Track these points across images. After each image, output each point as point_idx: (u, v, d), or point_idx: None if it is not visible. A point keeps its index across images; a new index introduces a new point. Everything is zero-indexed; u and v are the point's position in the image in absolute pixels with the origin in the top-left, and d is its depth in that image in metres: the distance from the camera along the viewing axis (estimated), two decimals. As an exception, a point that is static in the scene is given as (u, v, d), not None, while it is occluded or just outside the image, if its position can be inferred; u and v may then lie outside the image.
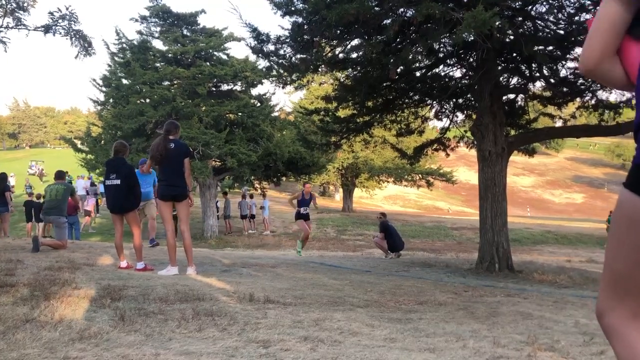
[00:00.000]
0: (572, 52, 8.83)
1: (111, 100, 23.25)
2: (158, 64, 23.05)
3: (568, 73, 9.48)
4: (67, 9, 11.89)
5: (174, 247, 6.22)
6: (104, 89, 23.46)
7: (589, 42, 1.36)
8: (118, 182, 6.48)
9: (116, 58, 23.14)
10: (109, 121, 21.92)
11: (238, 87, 24.02)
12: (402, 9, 7.51)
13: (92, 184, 24.20)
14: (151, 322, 3.32)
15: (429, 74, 9.72)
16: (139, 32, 23.39)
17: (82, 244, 9.64)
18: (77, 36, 12.09)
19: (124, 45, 23.20)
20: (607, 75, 1.40)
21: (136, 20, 23.19)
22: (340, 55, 8.91)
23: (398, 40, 8.23)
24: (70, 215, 12.84)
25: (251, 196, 24.55)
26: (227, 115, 22.75)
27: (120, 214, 6.62)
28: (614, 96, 10.07)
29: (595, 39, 1.36)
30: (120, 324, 3.20)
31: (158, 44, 23.65)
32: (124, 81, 22.81)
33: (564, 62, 9.23)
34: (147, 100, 21.89)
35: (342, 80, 10.71)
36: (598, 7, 1.38)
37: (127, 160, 6.97)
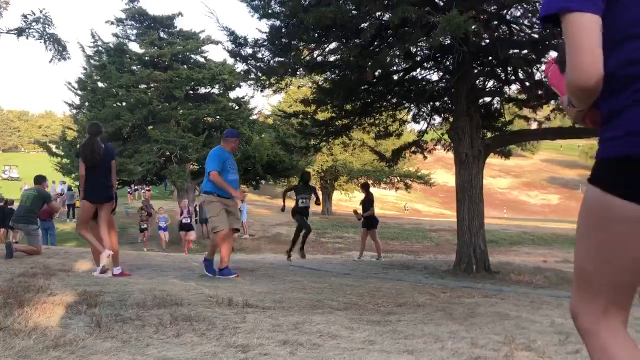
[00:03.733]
0: (546, 55, 8.98)
1: (87, 104, 22.97)
2: (134, 67, 22.84)
3: (542, 76, 9.63)
4: (41, 12, 11.75)
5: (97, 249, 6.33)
6: (79, 92, 23.16)
7: (587, 57, 1.32)
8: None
9: (92, 61, 22.87)
10: (84, 125, 21.63)
11: (216, 90, 23.93)
12: (378, 13, 7.57)
13: (69, 189, 23.83)
14: (128, 328, 3.28)
15: (407, 77, 9.79)
16: (115, 35, 23.18)
17: (57, 250, 9.49)
18: (52, 40, 11.94)
19: (100, 48, 22.95)
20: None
21: (112, 23, 22.97)
22: (319, 59, 8.93)
23: (375, 43, 8.28)
24: (44, 220, 12.63)
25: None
26: (205, 119, 22.64)
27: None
28: (587, 99, 10.24)
29: (598, 49, 1.33)
30: (97, 331, 3.15)
31: (134, 47, 23.47)
32: (100, 84, 22.55)
33: (538, 66, 9.37)
34: (124, 104, 21.68)
35: (320, 83, 10.73)
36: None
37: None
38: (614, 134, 1.35)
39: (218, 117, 22.52)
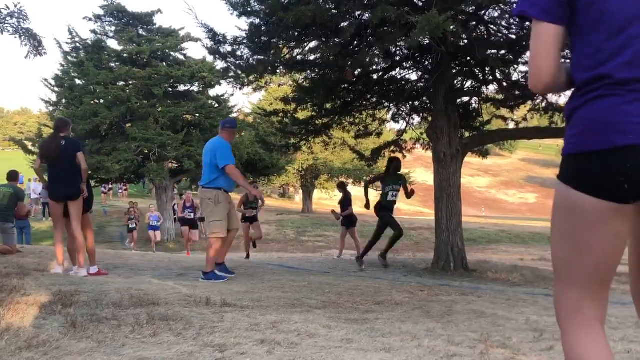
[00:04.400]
0: (523, 56, 9.10)
1: (64, 101, 22.64)
2: (113, 64, 22.59)
3: (520, 77, 9.76)
4: (15, 6, 11.52)
5: (62, 247, 6.34)
6: (56, 89, 22.83)
7: (539, 63, 1.44)
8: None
9: (69, 57, 22.55)
10: (61, 122, 21.33)
11: (195, 88, 23.77)
12: (358, 12, 7.58)
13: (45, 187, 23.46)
14: (104, 328, 3.25)
15: (386, 76, 9.84)
16: (93, 32, 22.88)
17: (32, 249, 9.35)
18: (27, 35, 11.73)
19: (78, 44, 22.64)
20: (559, 83, 1.49)
21: (90, 20, 22.67)
22: (299, 57, 8.91)
23: (355, 43, 8.30)
24: (20, 219, 12.41)
25: (209, 198, 24.27)
26: (184, 116, 22.48)
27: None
28: (564, 99, 10.43)
29: (545, 58, 1.44)
30: (72, 331, 3.11)
31: (113, 44, 23.20)
32: (78, 81, 22.25)
33: (515, 66, 9.49)
34: (102, 101, 21.42)
35: (300, 82, 10.73)
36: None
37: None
38: (570, 132, 1.42)
39: (197, 115, 22.37)
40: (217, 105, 23.61)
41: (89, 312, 3.66)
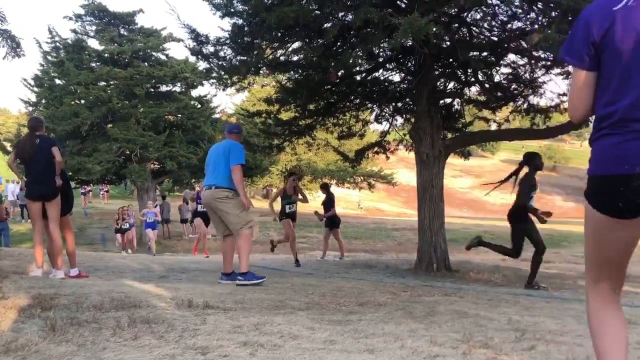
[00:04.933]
0: (505, 58, 9.19)
1: (43, 101, 22.36)
2: (94, 64, 22.35)
3: (501, 78, 9.86)
4: (-7, 6, 11.33)
5: (41, 249, 6.22)
6: (35, 89, 22.52)
7: (576, 103, 1.92)
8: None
9: (49, 57, 22.26)
10: (41, 123, 21.03)
11: (177, 89, 23.62)
12: (341, 13, 7.59)
13: (22, 188, 23.14)
14: (84, 331, 3.20)
15: (369, 78, 9.87)
16: (74, 31, 22.61)
17: (11, 251, 9.21)
18: (5, 36, 11.56)
19: (57, 44, 22.37)
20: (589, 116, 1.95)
21: (70, 19, 22.41)
22: (282, 58, 8.91)
23: (338, 44, 8.31)
24: (-1, 221, 12.23)
25: (192, 199, 24.12)
26: (166, 117, 22.32)
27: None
28: (545, 101, 10.56)
29: (579, 99, 1.90)
30: (51, 335, 3.06)
31: (94, 44, 22.95)
32: (58, 81, 21.97)
33: (497, 68, 9.59)
34: (82, 102, 21.19)
35: (283, 83, 10.71)
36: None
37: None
38: (590, 158, 1.86)
39: (180, 115, 22.21)
40: (199, 105, 23.47)
41: (69, 315, 3.60)
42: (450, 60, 9.13)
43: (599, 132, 1.81)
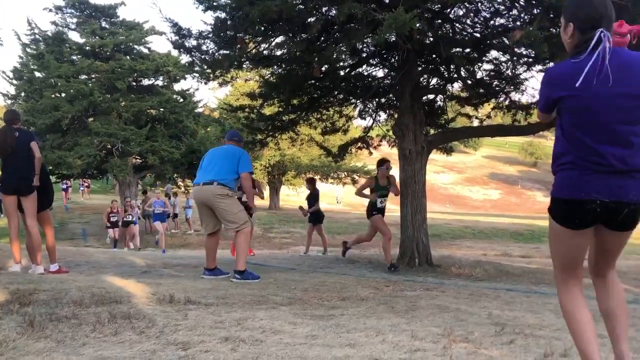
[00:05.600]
0: (487, 54, 9.25)
1: (23, 94, 22.03)
2: (74, 57, 22.06)
3: (484, 75, 9.92)
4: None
5: (18, 244, 6.16)
6: (14, 81, 22.16)
7: (543, 120, 2.57)
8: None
9: (28, 49, 21.91)
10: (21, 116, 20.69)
11: (160, 82, 23.43)
12: (325, 8, 7.57)
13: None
14: (63, 327, 3.17)
15: (353, 73, 9.86)
16: (54, 23, 22.30)
17: (-11, 247, 9.06)
18: (-17, 25, 11.34)
19: (37, 36, 22.03)
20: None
21: (50, 10, 22.07)
22: (265, 52, 8.86)
23: (322, 39, 8.30)
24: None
25: (175, 194, 23.96)
26: (148, 111, 22.12)
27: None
28: (526, 98, 10.65)
29: (545, 119, 2.53)
30: (29, 331, 3.02)
31: (75, 36, 22.67)
32: (38, 74, 21.64)
33: (480, 64, 9.65)
34: (63, 95, 20.92)
35: (267, 77, 10.67)
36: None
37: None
38: (554, 183, 2.35)
39: (162, 109, 22.03)
40: (182, 99, 23.29)
41: (48, 311, 3.56)
42: (434, 56, 9.16)
43: (561, 166, 2.33)
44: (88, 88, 20.35)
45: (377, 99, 10.80)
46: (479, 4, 8.48)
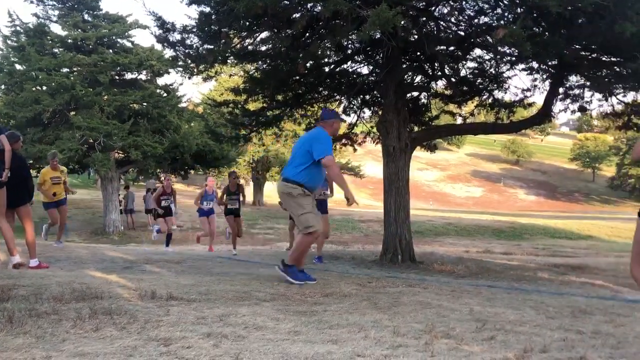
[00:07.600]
0: (471, 52, 9.31)
1: (3, 87, 21.66)
2: (56, 50, 21.73)
3: (467, 73, 9.99)
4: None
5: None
6: (-6, 74, 21.76)
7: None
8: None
9: (9, 41, 21.54)
10: (0, 109, 20.36)
11: (143, 77, 23.18)
12: (310, 4, 7.56)
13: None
14: (43, 323, 3.13)
15: (337, 69, 9.87)
16: (35, 15, 21.93)
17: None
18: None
19: (18, 28, 21.65)
20: None
21: (32, 2, 21.69)
22: (250, 48, 8.83)
23: (307, 35, 8.28)
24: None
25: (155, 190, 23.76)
26: (131, 105, 21.87)
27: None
28: (509, 96, 10.76)
29: None
30: (8, 327, 2.99)
31: (57, 29, 22.34)
32: (18, 67, 21.28)
33: (464, 62, 9.72)
34: (44, 88, 20.59)
35: (251, 73, 10.63)
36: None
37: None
38: None
39: (145, 104, 21.79)
40: (165, 94, 23.08)
41: (28, 306, 3.52)
42: (418, 53, 9.20)
43: None
44: (70, 81, 20.06)
45: (361, 96, 10.82)
46: (464, 2, 8.54)
